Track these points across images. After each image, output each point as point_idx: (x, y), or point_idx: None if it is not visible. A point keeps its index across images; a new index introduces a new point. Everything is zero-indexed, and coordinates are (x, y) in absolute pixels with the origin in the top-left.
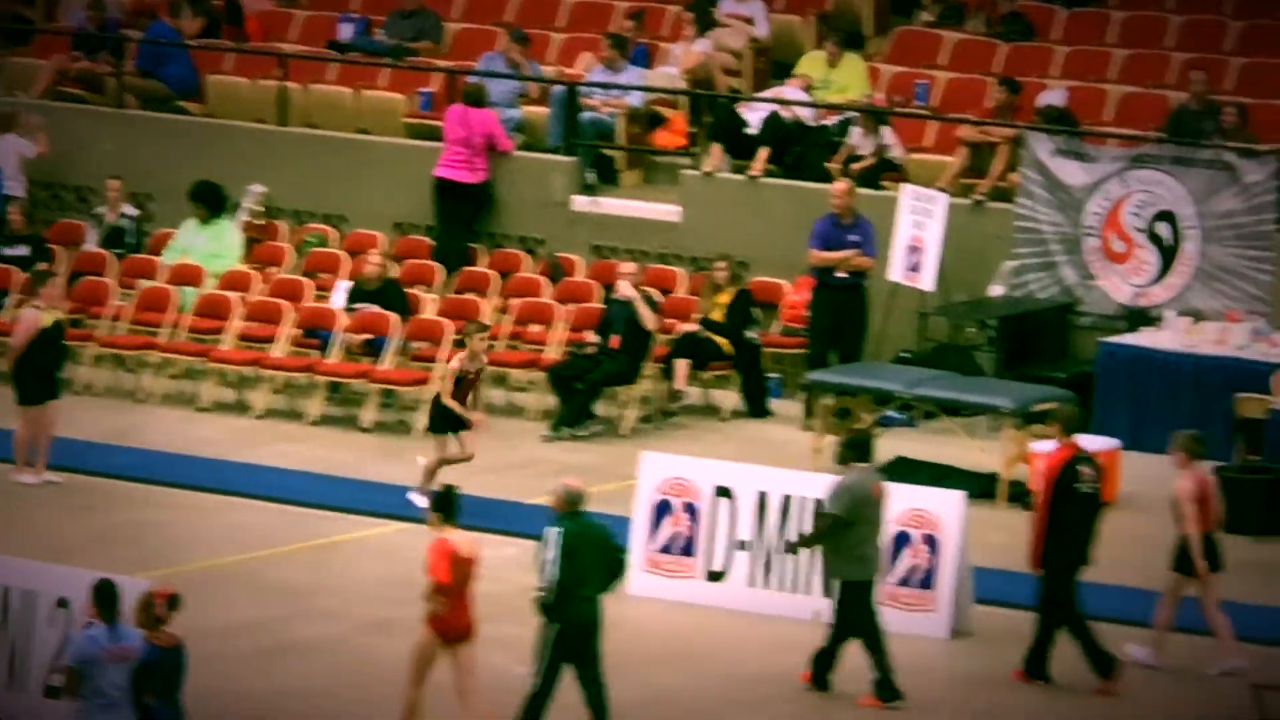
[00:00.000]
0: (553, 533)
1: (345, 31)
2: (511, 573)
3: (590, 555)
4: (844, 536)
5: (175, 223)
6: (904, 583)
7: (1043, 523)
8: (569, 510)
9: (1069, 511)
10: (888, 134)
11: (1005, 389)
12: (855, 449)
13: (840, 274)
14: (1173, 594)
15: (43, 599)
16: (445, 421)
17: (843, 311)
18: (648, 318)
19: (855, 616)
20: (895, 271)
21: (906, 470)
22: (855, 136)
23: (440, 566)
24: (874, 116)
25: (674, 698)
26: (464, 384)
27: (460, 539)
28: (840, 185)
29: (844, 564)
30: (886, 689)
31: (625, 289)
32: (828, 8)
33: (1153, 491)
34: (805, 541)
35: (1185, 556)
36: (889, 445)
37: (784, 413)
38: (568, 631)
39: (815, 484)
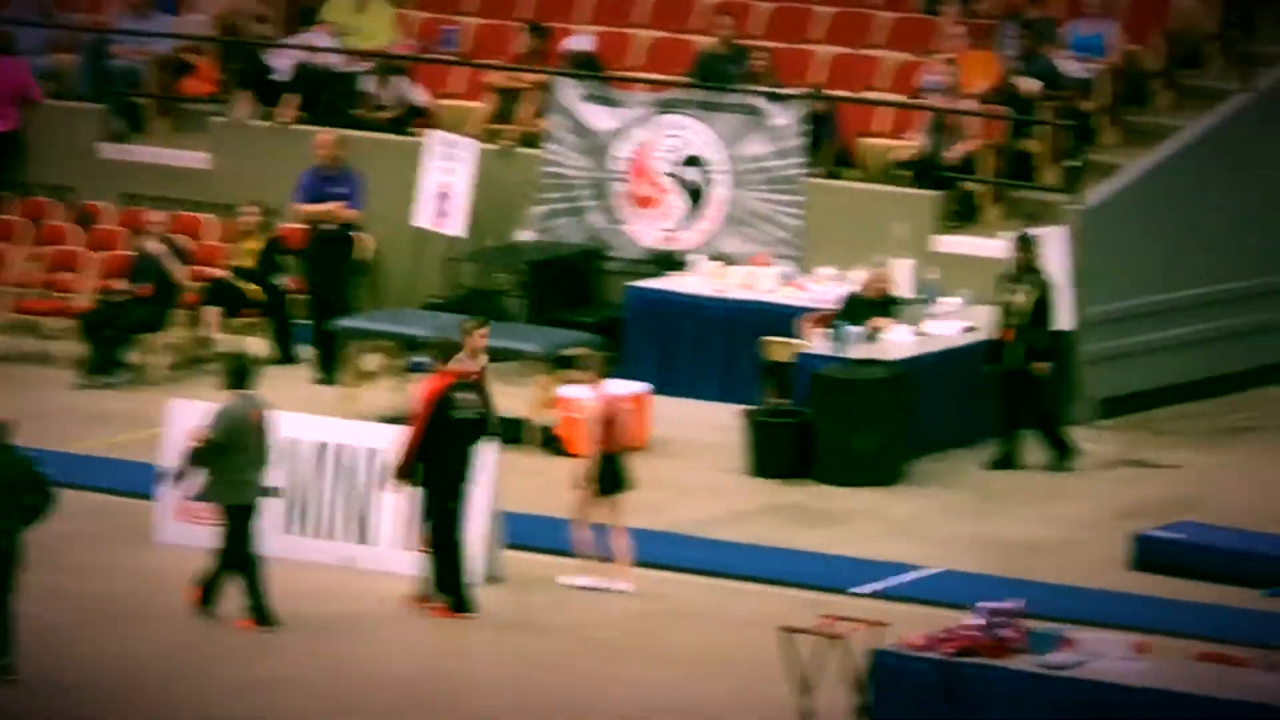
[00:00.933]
0: None
1: None
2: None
3: (8, 488)
4: (223, 461)
5: None
6: None
7: (415, 444)
8: None
9: (445, 438)
10: (403, 82)
11: (534, 334)
12: (235, 375)
13: (326, 226)
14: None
15: None
16: None
17: (332, 263)
18: (177, 270)
19: (234, 540)
20: (424, 218)
21: None
22: (371, 85)
23: None
24: (388, 64)
25: (182, 647)
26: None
27: None
28: (324, 137)
29: (223, 489)
30: (260, 613)
31: (152, 245)
32: None
33: (681, 435)
34: (184, 466)
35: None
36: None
37: (312, 359)
38: None
39: (348, 430)
